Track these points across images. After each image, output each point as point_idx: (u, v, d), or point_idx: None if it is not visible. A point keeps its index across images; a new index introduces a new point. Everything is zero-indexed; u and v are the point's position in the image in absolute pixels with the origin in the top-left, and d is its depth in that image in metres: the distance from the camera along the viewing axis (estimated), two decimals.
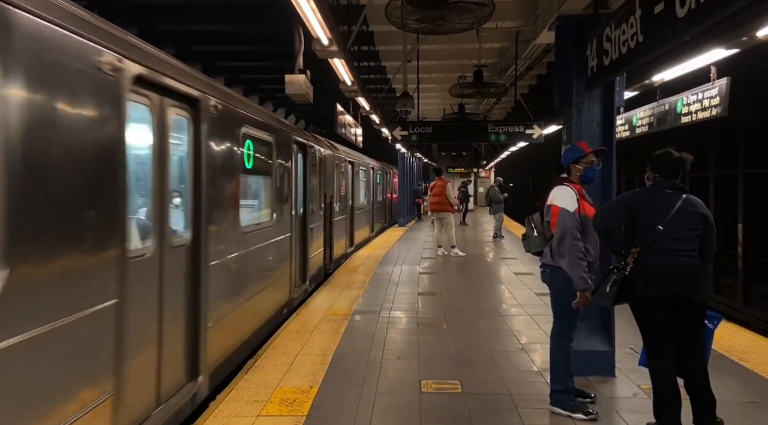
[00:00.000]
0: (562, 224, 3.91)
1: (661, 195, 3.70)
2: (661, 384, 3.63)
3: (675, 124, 9.76)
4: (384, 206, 21.79)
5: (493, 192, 16.49)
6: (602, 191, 4.82)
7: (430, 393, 4.40)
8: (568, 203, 3.95)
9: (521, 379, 4.76)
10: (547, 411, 4.05)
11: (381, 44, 12.61)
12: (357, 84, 8.03)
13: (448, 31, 7.11)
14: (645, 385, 4.30)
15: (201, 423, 3.86)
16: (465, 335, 6.10)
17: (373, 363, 5.11)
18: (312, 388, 4.48)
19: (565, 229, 3.90)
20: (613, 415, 4.03)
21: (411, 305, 7.58)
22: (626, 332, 5.18)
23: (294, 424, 3.83)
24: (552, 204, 4.00)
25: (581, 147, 4.21)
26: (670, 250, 3.58)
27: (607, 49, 4.12)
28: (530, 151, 22.06)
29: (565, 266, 3.91)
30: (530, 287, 8.72)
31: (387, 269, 10.66)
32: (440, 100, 19.60)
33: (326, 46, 5.63)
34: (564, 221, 3.91)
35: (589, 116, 4.90)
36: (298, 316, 6.92)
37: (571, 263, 3.87)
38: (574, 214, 3.93)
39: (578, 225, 3.92)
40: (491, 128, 12.62)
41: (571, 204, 3.94)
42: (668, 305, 3.61)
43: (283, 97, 14.78)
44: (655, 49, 3.45)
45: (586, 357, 4.67)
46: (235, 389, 4.48)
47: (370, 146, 16.41)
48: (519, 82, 14.30)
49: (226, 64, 13.73)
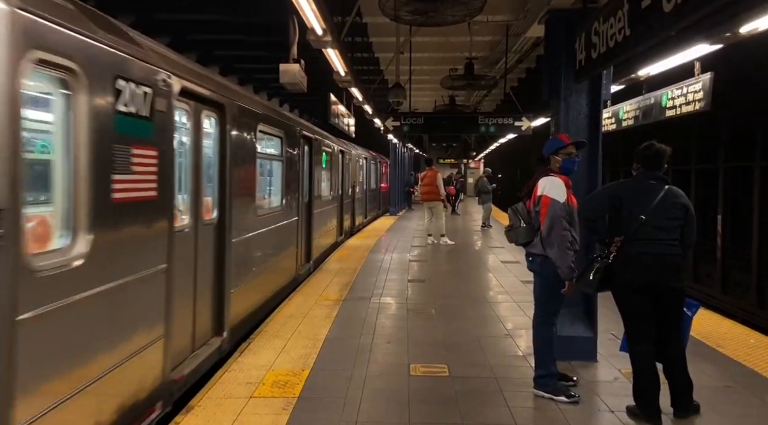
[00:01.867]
0: (552, 214, 3.99)
1: (645, 186, 3.83)
2: (641, 368, 3.79)
3: (660, 117, 9.93)
4: (378, 195, 22.05)
5: (482, 183, 16.65)
6: (587, 182, 4.95)
7: (419, 377, 4.53)
8: (559, 194, 4.03)
9: (507, 363, 4.91)
10: (531, 395, 4.19)
11: (374, 36, 12.65)
12: (350, 74, 8.11)
13: (440, 23, 7.20)
14: (625, 370, 4.46)
15: (195, 403, 3.97)
16: (453, 320, 6.24)
17: (364, 347, 5.23)
18: (304, 371, 4.60)
19: (555, 219, 3.98)
20: (595, 398, 4.18)
21: (401, 292, 7.71)
22: (608, 319, 5.34)
23: (286, 405, 3.94)
24: (543, 195, 4.06)
25: (561, 138, 4.30)
26: (652, 239, 3.72)
27: (595, 42, 4.23)
28: (518, 143, 22.21)
29: (553, 256, 4.00)
30: (516, 275, 8.88)
31: (378, 256, 10.79)
32: (432, 92, 19.69)
33: (320, 36, 5.71)
34: (554, 212, 3.99)
35: (577, 109, 5.02)
36: (291, 301, 7.02)
37: (560, 252, 3.97)
38: (564, 204, 4.03)
39: (567, 216, 4.03)
40: (481, 119, 12.72)
41: (561, 195, 4.03)
42: (649, 292, 3.75)
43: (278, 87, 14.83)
44: (641, 43, 3.56)
45: (569, 342, 4.82)
46: (229, 371, 4.58)
47: (362, 136, 16.47)
48: (509, 75, 14.41)
49: (221, 53, 13.71)
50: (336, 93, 11.73)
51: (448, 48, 13.25)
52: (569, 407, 3.98)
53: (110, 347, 3.32)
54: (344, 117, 13.06)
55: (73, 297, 2.89)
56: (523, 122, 12.09)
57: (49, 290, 2.73)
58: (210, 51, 13.27)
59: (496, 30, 12.46)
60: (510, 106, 16.43)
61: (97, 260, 3.08)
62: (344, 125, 13.04)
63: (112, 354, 3.33)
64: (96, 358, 3.17)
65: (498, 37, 13.09)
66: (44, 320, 2.69)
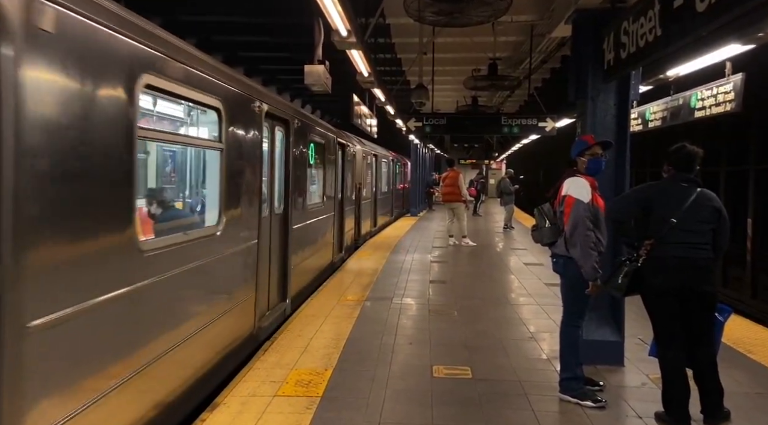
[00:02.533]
0: (575, 214, 3.96)
1: (676, 188, 3.76)
2: (670, 373, 3.72)
3: (688, 118, 9.75)
4: (402, 195, 22.17)
5: (504, 184, 16.54)
6: (614, 184, 4.89)
7: (441, 378, 4.52)
8: (582, 194, 4.00)
9: (531, 367, 4.86)
10: (556, 398, 4.15)
11: (397, 37, 12.64)
12: (373, 75, 8.11)
13: (465, 24, 7.16)
14: (654, 375, 4.39)
15: (220, 400, 4.00)
16: (475, 322, 6.21)
17: (386, 348, 5.23)
18: (326, 370, 4.61)
19: (578, 219, 3.95)
20: (622, 403, 4.12)
21: (422, 293, 7.70)
22: (636, 323, 5.26)
23: (309, 405, 3.95)
24: (567, 195, 4.04)
25: (586, 140, 4.26)
26: (683, 242, 3.65)
27: (624, 42, 4.17)
28: (541, 144, 22.02)
29: (577, 256, 3.97)
30: (539, 277, 8.80)
31: (399, 257, 10.78)
32: (454, 92, 19.60)
33: (345, 37, 5.71)
34: (578, 212, 3.96)
35: (604, 109, 4.95)
36: (313, 301, 7.05)
37: (583, 253, 3.93)
38: (588, 205, 3.99)
39: (591, 216, 3.98)
40: (504, 120, 12.63)
41: (585, 195, 4.00)
42: (679, 296, 3.69)
43: (301, 88, 14.90)
44: (673, 43, 3.50)
45: (596, 346, 4.76)
46: (253, 369, 4.62)
47: (383, 136, 16.49)
48: (533, 76, 14.28)
49: (246, 54, 13.82)
50: (359, 94, 11.75)
51: (471, 48, 13.18)
52: (595, 412, 3.93)
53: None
54: (366, 118, 13.08)
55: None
56: (547, 123, 11.98)
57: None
58: (235, 52, 13.38)
59: (520, 30, 12.35)
60: (534, 106, 16.28)
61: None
62: (366, 125, 13.05)
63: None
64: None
65: (522, 38, 12.97)
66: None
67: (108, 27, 2.84)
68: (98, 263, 2.84)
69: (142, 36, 3.20)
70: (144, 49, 3.21)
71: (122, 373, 3.06)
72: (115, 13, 2.95)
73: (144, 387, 3.31)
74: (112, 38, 2.90)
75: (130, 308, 3.16)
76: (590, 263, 3.93)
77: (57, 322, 2.51)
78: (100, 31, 2.78)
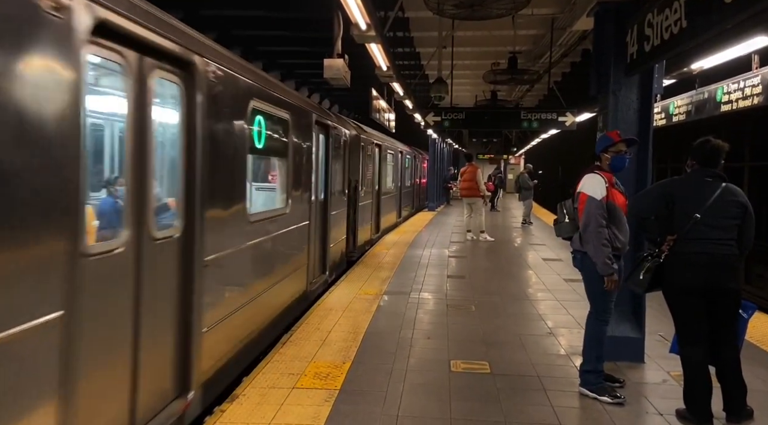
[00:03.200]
0: (587, 211, 3.99)
1: (700, 183, 3.70)
2: (692, 370, 3.67)
3: (714, 113, 9.59)
4: (419, 189, 22.23)
5: (522, 179, 16.41)
6: (636, 179, 4.82)
7: (459, 373, 4.51)
8: (595, 191, 4.00)
9: (549, 362, 4.83)
10: (574, 394, 4.13)
11: (416, 31, 12.60)
12: (392, 69, 8.10)
13: (485, 17, 7.11)
14: (675, 372, 4.34)
15: (240, 392, 4.05)
16: (493, 317, 6.19)
17: (404, 342, 5.24)
18: (345, 363, 4.63)
19: (590, 216, 3.96)
20: (642, 400, 4.08)
21: (440, 288, 7.69)
22: (657, 319, 5.20)
23: (328, 397, 3.98)
24: (580, 191, 4.07)
25: (611, 136, 4.23)
26: (706, 238, 3.60)
27: (648, 35, 4.10)
28: (561, 139, 21.81)
29: (590, 252, 3.99)
30: (559, 272, 8.73)
31: (416, 252, 10.78)
32: (473, 86, 19.50)
33: (364, 30, 5.71)
34: (589, 209, 3.97)
35: (626, 103, 4.88)
36: (331, 295, 7.09)
37: (595, 248, 3.95)
38: (601, 202, 3.97)
39: (604, 213, 3.97)
40: (524, 114, 12.55)
41: (598, 192, 3.99)
42: (702, 293, 3.63)
43: (320, 82, 14.92)
44: (698, 36, 3.44)
45: (616, 342, 4.70)
46: (272, 361, 4.66)
47: (401, 131, 16.47)
48: (553, 70, 14.15)
49: (265, 48, 13.88)
50: (377, 88, 11.74)
51: (490, 42, 13.10)
52: (615, 409, 3.90)
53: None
54: (385, 112, 13.07)
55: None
56: (567, 117, 11.87)
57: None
58: (254, 46, 13.44)
59: (540, 24, 12.24)
60: (554, 101, 16.12)
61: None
62: (385, 120, 13.04)
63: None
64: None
65: (542, 31, 12.86)
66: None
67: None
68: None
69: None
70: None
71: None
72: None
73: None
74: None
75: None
76: (602, 258, 3.93)
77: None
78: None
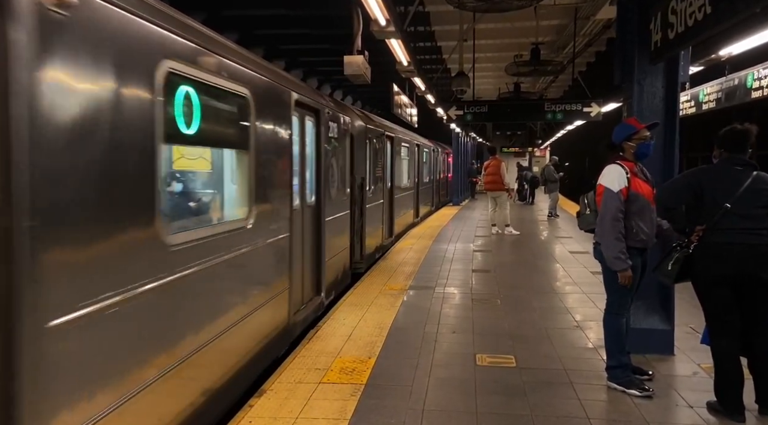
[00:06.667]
0: (603, 203, 3.94)
1: (730, 172, 3.62)
2: (723, 362, 3.61)
3: (744, 99, 9.35)
4: (440, 185, 22.21)
5: (548, 171, 16.24)
6: (662, 169, 4.74)
7: (485, 367, 4.51)
8: (613, 182, 3.93)
9: (576, 355, 4.80)
10: (602, 387, 4.09)
11: (436, 24, 12.55)
12: (413, 64, 8.09)
13: (506, 9, 7.05)
14: (705, 364, 4.27)
15: (268, 387, 4.11)
16: (519, 311, 6.16)
17: (429, 337, 5.25)
18: (370, 358, 4.66)
19: (606, 209, 3.91)
20: (672, 393, 4.03)
21: (465, 282, 7.68)
22: (686, 311, 5.11)
23: (353, 392, 4.01)
24: (599, 183, 4.02)
25: (632, 124, 4.15)
26: (737, 228, 3.52)
27: (672, 22, 4.03)
28: (587, 129, 21.47)
29: (603, 245, 3.95)
30: (585, 265, 8.63)
31: (441, 246, 10.76)
32: (496, 79, 19.33)
33: (384, 26, 5.72)
34: (606, 201, 3.92)
35: (651, 92, 4.80)
36: (356, 290, 7.13)
37: (608, 242, 3.90)
38: (618, 194, 3.90)
39: (621, 205, 3.90)
40: (548, 106, 12.40)
41: (616, 184, 3.92)
42: (733, 283, 3.57)
43: (341, 79, 14.98)
44: (723, 21, 3.36)
45: (644, 335, 4.65)
46: (298, 356, 4.72)
47: (424, 125, 16.44)
48: (577, 60, 13.95)
49: (286, 47, 13.99)
50: (398, 83, 11.73)
51: (512, 34, 12.97)
52: (644, 401, 3.85)
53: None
54: (407, 107, 13.05)
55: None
56: (592, 108, 11.70)
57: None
58: (275, 45, 13.55)
59: (563, 13, 12.08)
60: (578, 91, 15.91)
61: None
62: (407, 115, 13.03)
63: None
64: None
65: (565, 21, 12.69)
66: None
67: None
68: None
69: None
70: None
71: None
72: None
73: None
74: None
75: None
76: (615, 253, 3.87)
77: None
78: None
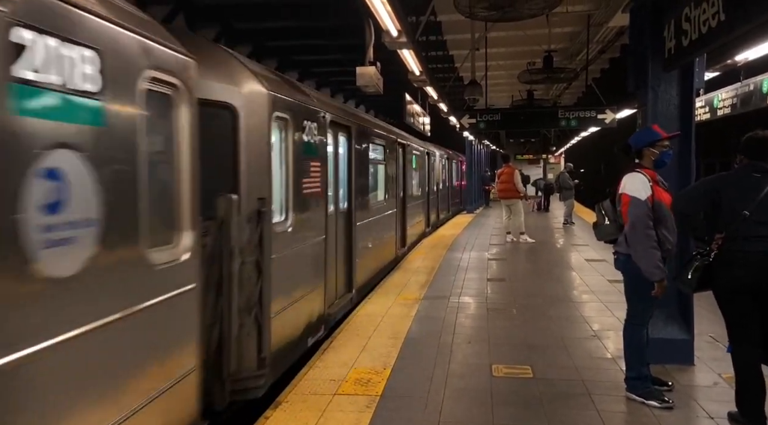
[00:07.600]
0: (632, 213, 3.82)
1: (748, 178, 3.57)
2: (744, 371, 3.54)
3: (760, 105, 9.25)
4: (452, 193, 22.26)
5: (563, 178, 16.14)
6: (678, 176, 4.69)
7: (501, 377, 4.47)
8: (639, 191, 3.83)
9: (594, 366, 4.74)
10: (621, 398, 4.03)
11: (448, 34, 12.59)
12: (425, 74, 8.11)
13: (517, 18, 7.05)
14: (726, 374, 4.20)
15: (283, 398, 4.11)
16: (535, 321, 6.11)
17: (444, 347, 5.22)
18: (385, 369, 4.65)
19: (636, 218, 3.80)
20: (692, 403, 3.96)
21: (480, 291, 7.63)
22: (706, 319, 5.04)
23: (369, 403, 4.00)
24: (622, 193, 3.91)
25: (657, 131, 4.09)
26: (757, 235, 3.47)
27: (686, 29, 4.01)
28: (602, 136, 21.36)
29: (637, 257, 3.82)
30: (602, 274, 8.55)
31: (455, 255, 10.73)
32: (509, 87, 19.33)
33: (395, 37, 5.75)
34: (635, 210, 3.81)
35: (666, 99, 4.76)
36: (370, 300, 7.12)
37: (644, 253, 3.78)
38: (646, 202, 3.82)
39: (650, 213, 3.81)
40: (561, 113, 12.36)
41: (642, 192, 3.83)
42: (754, 292, 3.51)
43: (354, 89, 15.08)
44: (737, 28, 3.35)
45: (663, 344, 4.58)
46: (313, 368, 4.71)
47: (437, 134, 16.46)
48: (590, 67, 13.90)
49: (299, 58, 14.11)
50: (411, 92, 11.77)
51: (525, 42, 12.96)
52: (664, 412, 3.79)
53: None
54: (419, 116, 13.08)
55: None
56: (606, 115, 11.64)
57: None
58: (288, 56, 13.67)
59: (576, 21, 12.06)
60: (592, 98, 15.83)
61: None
62: (419, 124, 13.05)
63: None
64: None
65: (578, 28, 12.66)
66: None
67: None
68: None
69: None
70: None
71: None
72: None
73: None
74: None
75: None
76: (653, 263, 3.77)
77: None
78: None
